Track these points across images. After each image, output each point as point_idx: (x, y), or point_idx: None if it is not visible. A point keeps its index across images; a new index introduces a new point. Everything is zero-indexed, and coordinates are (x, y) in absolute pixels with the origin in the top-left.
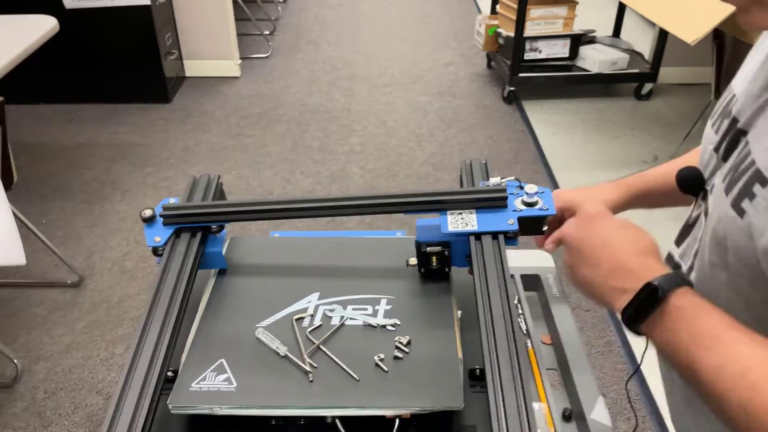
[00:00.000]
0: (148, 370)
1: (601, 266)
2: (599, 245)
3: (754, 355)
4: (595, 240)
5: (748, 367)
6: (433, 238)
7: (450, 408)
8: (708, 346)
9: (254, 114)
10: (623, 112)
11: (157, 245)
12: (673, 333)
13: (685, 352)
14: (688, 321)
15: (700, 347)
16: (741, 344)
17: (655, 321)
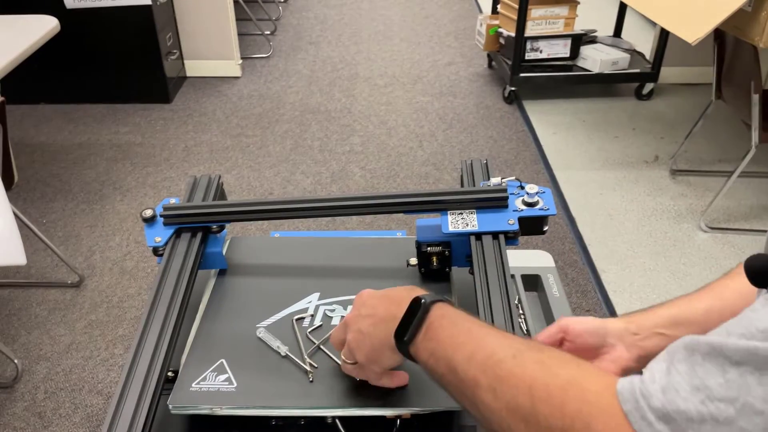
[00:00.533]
0: (148, 370)
1: (376, 310)
2: (375, 298)
3: (501, 341)
4: (371, 299)
5: (494, 351)
6: (433, 238)
7: (450, 408)
8: (462, 342)
9: (255, 114)
10: (624, 112)
11: (157, 245)
12: (435, 341)
13: (443, 354)
14: (447, 327)
15: (455, 345)
16: (490, 336)
17: (421, 335)
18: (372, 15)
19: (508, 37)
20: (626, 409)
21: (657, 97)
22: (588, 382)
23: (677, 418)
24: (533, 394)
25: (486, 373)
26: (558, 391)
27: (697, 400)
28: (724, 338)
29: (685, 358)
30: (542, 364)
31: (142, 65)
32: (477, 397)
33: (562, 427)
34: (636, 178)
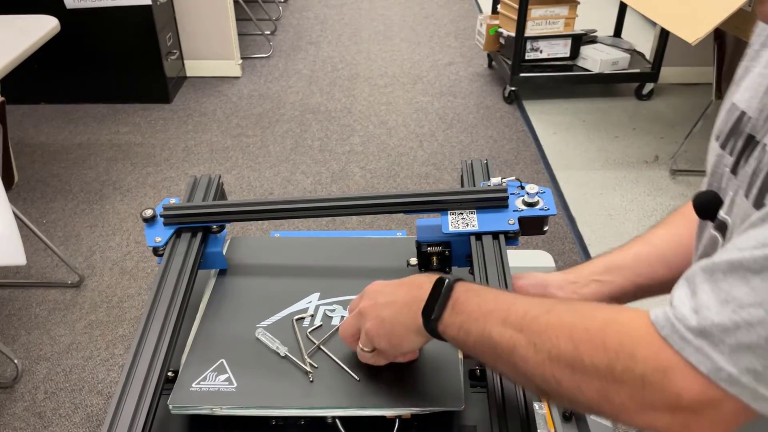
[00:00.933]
0: (149, 371)
1: (397, 296)
2: (391, 285)
3: (530, 301)
4: (387, 287)
5: (527, 310)
6: (433, 238)
7: (450, 408)
8: (492, 309)
9: (255, 114)
10: (624, 112)
11: (157, 245)
12: (464, 314)
13: (474, 324)
14: (473, 299)
15: (486, 312)
16: (518, 299)
17: (448, 311)
18: (372, 15)
19: (508, 37)
20: (664, 333)
21: (657, 97)
22: (623, 317)
23: (713, 331)
24: (574, 338)
25: (523, 331)
26: (597, 331)
27: (729, 311)
28: (738, 253)
29: (707, 279)
30: (576, 312)
31: (142, 65)
32: (516, 356)
33: (608, 363)
34: (636, 178)
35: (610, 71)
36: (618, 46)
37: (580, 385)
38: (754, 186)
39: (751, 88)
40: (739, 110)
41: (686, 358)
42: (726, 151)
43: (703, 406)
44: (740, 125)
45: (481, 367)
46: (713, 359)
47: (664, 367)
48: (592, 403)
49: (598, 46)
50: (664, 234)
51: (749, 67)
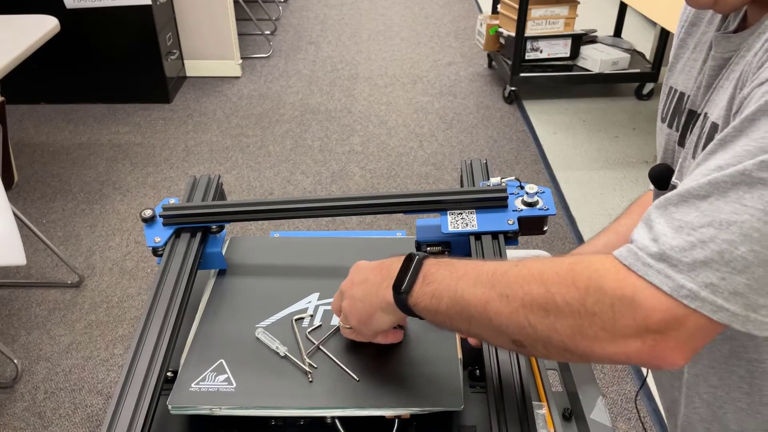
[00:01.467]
0: (148, 371)
1: (368, 277)
2: (363, 268)
3: (500, 262)
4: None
5: (496, 268)
6: (433, 238)
7: (450, 408)
8: (463, 273)
9: (255, 114)
10: (624, 112)
11: (157, 245)
12: (435, 283)
13: (446, 289)
14: (444, 268)
15: (457, 278)
16: (487, 262)
17: (419, 283)
18: (372, 15)
19: (508, 37)
20: (628, 263)
21: (657, 97)
22: (589, 258)
23: (671, 253)
24: (545, 281)
25: (495, 286)
26: (567, 272)
27: (684, 234)
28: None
29: (661, 214)
30: (544, 261)
31: (142, 65)
32: (489, 310)
33: (579, 298)
34: (636, 178)
35: (610, 71)
36: (618, 46)
37: (554, 324)
38: (698, 148)
39: (684, 71)
40: (678, 92)
41: (650, 280)
42: (673, 128)
43: (669, 325)
44: (681, 105)
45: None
46: (674, 278)
47: (631, 292)
48: (567, 341)
49: (598, 46)
50: (628, 222)
51: (678, 54)
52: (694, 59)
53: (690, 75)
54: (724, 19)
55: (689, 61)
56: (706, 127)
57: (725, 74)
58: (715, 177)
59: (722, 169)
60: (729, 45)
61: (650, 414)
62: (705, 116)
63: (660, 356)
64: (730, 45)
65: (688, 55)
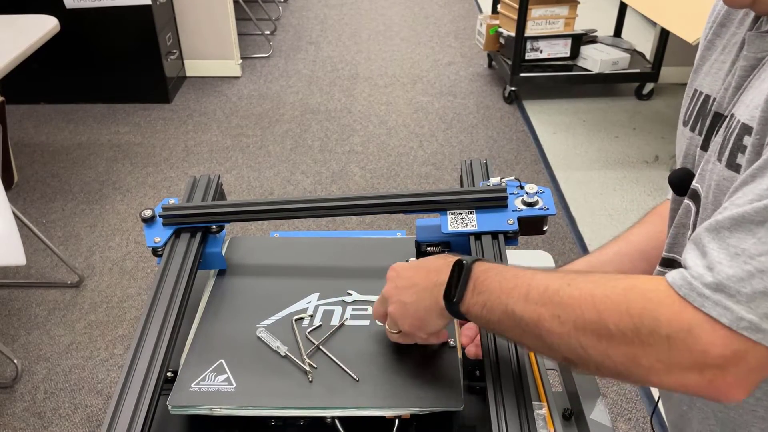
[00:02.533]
0: (148, 371)
1: (416, 281)
2: (409, 271)
3: (550, 276)
4: (406, 271)
5: (547, 284)
6: (433, 238)
7: (450, 409)
8: (513, 286)
9: (255, 114)
10: (624, 112)
11: (156, 245)
12: (486, 293)
13: (497, 301)
14: (494, 277)
15: (507, 290)
16: (537, 275)
17: (469, 292)
18: (372, 15)
19: (508, 37)
20: (683, 293)
21: (657, 97)
22: (641, 283)
23: (728, 283)
24: (597, 307)
25: (546, 305)
26: (620, 298)
27: (741, 262)
28: (739, 209)
29: (713, 238)
30: (596, 282)
31: (142, 65)
32: (541, 329)
33: (633, 328)
34: (636, 178)
35: (610, 71)
36: (618, 46)
37: (607, 351)
38: (725, 150)
39: (711, 73)
40: (704, 95)
41: (707, 313)
42: (695, 132)
43: (728, 360)
44: (706, 107)
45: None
46: (733, 310)
47: (688, 325)
48: (621, 368)
49: (598, 46)
50: (642, 231)
51: (705, 56)
52: (722, 61)
53: (717, 77)
54: (757, 19)
55: (716, 62)
56: (734, 127)
57: (758, 74)
58: None
59: None
60: (763, 44)
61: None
62: (732, 117)
63: (719, 391)
64: (764, 44)
65: (716, 57)
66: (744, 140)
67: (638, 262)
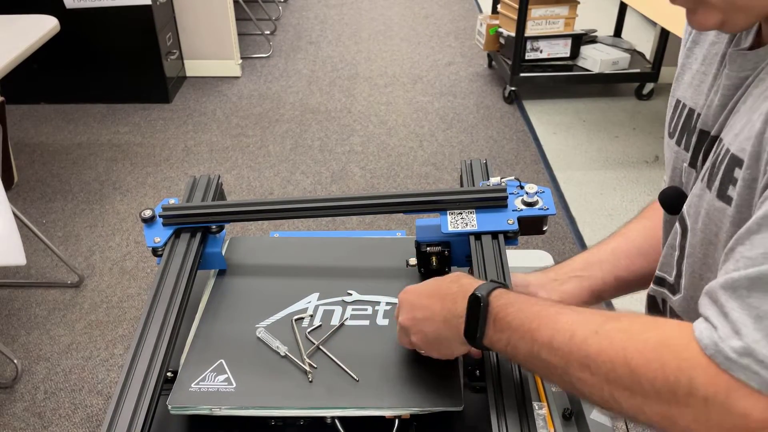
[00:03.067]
0: (148, 371)
1: (434, 311)
2: (423, 300)
3: (575, 319)
4: (421, 299)
5: (573, 331)
6: (433, 238)
7: (449, 409)
8: (537, 327)
9: (255, 114)
10: (624, 111)
11: (156, 246)
12: (508, 331)
13: (521, 342)
14: (514, 314)
15: (531, 331)
16: (561, 315)
17: (491, 327)
18: (372, 15)
19: (508, 36)
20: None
21: (657, 97)
22: (674, 339)
23: (756, 347)
24: (630, 363)
25: (573, 353)
26: (653, 355)
27: (765, 326)
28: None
29: (732, 297)
30: (626, 333)
31: (142, 65)
32: (570, 376)
33: (669, 388)
34: (636, 178)
35: (610, 71)
36: (618, 46)
37: (642, 407)
38: (715, 179)
39: (693, 85)
40: (687, 107)
41: (735, 376)
42: (681, 147)
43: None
44: (691, 122)
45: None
46: (761, 374)
47: (726, 389)
48: (655, 424)
49: (598, 46)
50: (639, 227)
51: (685, 64)
52: (704, 72)
53: (700, 90)
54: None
55: (698, 74)
56: (723, 155)
57: (743, 97)
58: None
59: None
60: (745, 63)
61: None
62: (720, 142)
63: None
64: (747, 63)
65: (697, 68)
66: (735, 172)
67: (635, 258)
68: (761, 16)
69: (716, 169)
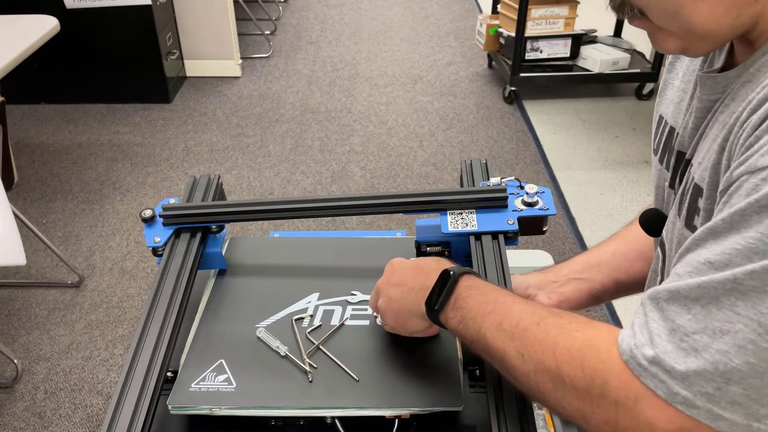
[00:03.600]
0: (148, 371)
1: (405, 280)
2: (399, 269)
3: (525, 309)
4: (401, 269)
5: (519, 319)
6: (433, 238)
7: (449, 409)
8: (490, 311)
9: (255, 114)
10: (624, 111)
11: (156, 245)
12: (464, 310)
13: (472, 321)
14: (475, 296)
15: (484, 314)
16: (515, 305)
17: (450, 305)
18: (372, 15)
19: (508, 37)
20: (624, 358)
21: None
22: (599, 341)
23: (665, 359)
24: (557, 357)
25: (513, 340)
26: (577, 353)
27: (677, 339)
28: (677, 281)
29: (654, 308)
30: (561, 329)
31: (142, 65)
32: (506, 361)
33: (585, 386)
34: (636, 178)
35: (610, 71)
36: (618, 46)
37: (562, 400)
38: (683, 208)
39: (674, 102)
40: (669, 125)
41: (644, 383)
42: (663, 165)
43: None
44: (671, 140)
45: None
46: (668, 384)
47: (635, 395)
48: (573, 419)
49: (598, 46)
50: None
51: (668, 79)
52: (683, 90)
53: (679, 109)
54: None
55: (678, 91)
56: (689, 184)
57: (710, 122)
58: (706, 281)
59: (713, 265)
60: (715, 86)
61: None
62: (690, 168)
63: None
64: (716, 86)
65: (678, 84)
66: (698, 202)
67: (635, 260)
68: (721, 44)
69: (684, 197)
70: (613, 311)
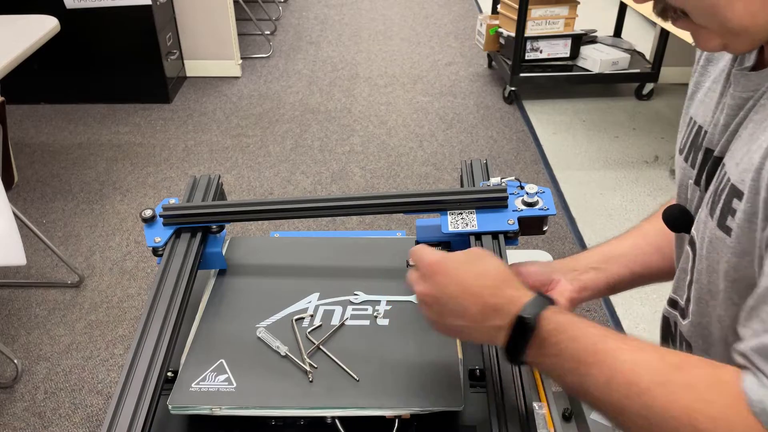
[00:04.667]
0: (148, 371)
1: (468, 312)
2: (458, 293)
3: (636, 360)
4: (451, 290)
5: (634, 376)
6: (433, 238)
7: (450, 408)
8: (592, 363)
9: (255, 114)
10: (624, 112)
11: (157, 245)
12: (556, 357)
13: (570, 373)
14: (566, 342)
15: (584, 365)
16: (621, 352)
17: (536, 350)
18: (372, 15)
19: (508, 37)
20: (763, 420)
21: (657, 97)
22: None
23: None
24: (698, 427)
25: (632, 400)
26: (723, 422)
27: None
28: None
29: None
30: (693, 389)
31: (142, 65)
32: (625, 420)
33: None
34: (636, 178)
35: (610, 71)
36: (618, 46)
37: None
38: (716, 207)
39: (704, 103)
40: (697, 125)
41: None
42: (688, 163)
43: None
44: (698, 139)
45: (481, 367)
46: None
47: None
48: None
49: (598, 46)
50: (657, 227)
51: (699, 82)
52: (713, 90)
53: (708, 108)
54: None
55: (709, 92)
56: (724, 183)
57: (744, 121)
58: None
59: None
60: (748, 84)
61: None
62: (723, 167)
63: None
64: (750, 84)
65: (709, 86)
66: (734, 203)
67: (652, 255)
68: (761, 41)
69: (717, 197)
70: (612, 311)
